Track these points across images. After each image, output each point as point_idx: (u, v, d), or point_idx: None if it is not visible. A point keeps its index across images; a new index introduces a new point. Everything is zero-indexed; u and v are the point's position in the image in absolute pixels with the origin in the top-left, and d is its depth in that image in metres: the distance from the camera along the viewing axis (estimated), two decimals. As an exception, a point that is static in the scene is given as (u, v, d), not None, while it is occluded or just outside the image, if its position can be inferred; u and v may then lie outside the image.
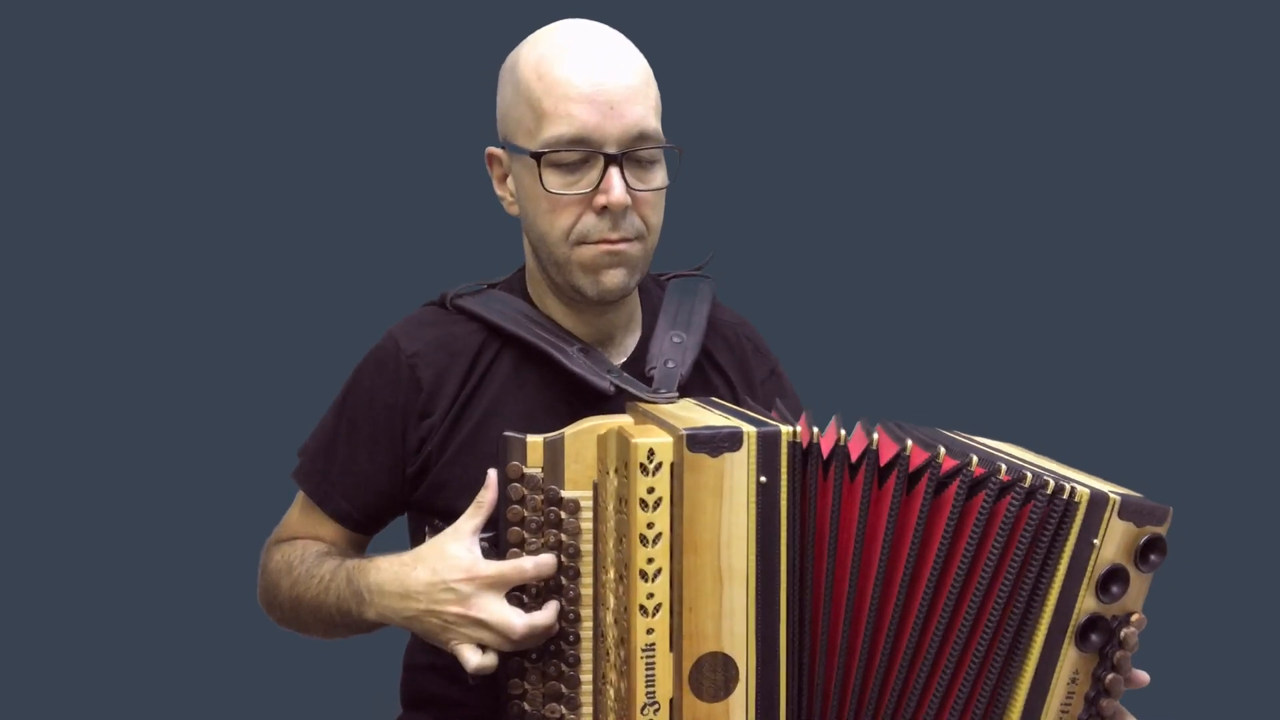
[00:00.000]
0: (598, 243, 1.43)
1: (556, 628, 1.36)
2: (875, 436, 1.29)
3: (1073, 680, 1.28)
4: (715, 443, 1.23)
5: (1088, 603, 1.26)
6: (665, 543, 1.24)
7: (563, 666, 1.37)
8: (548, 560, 1.34)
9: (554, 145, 1.41)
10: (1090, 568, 1.26)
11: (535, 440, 1.36)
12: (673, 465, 1.23)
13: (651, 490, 1.23)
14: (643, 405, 1.42)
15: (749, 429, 1.24)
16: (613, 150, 1.41)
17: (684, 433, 1.22)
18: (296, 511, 1.59)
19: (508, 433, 1.37)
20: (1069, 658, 1.27)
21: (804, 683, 1.29)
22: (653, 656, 1.24)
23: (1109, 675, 1.28)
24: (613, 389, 1.45)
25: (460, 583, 1.33)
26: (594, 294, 1.46)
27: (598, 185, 1.41)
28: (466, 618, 1.33)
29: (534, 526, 1.36)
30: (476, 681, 1.38)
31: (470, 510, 1.37)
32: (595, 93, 1.40)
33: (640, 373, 1.51)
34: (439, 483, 1.49)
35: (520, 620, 1.31)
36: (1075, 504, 1.26)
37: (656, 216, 1.47)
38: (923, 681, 1.29)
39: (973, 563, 1.27)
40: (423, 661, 1.56)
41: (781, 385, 1.67)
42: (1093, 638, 1.27)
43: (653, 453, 1.23)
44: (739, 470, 1.23)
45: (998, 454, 1.35)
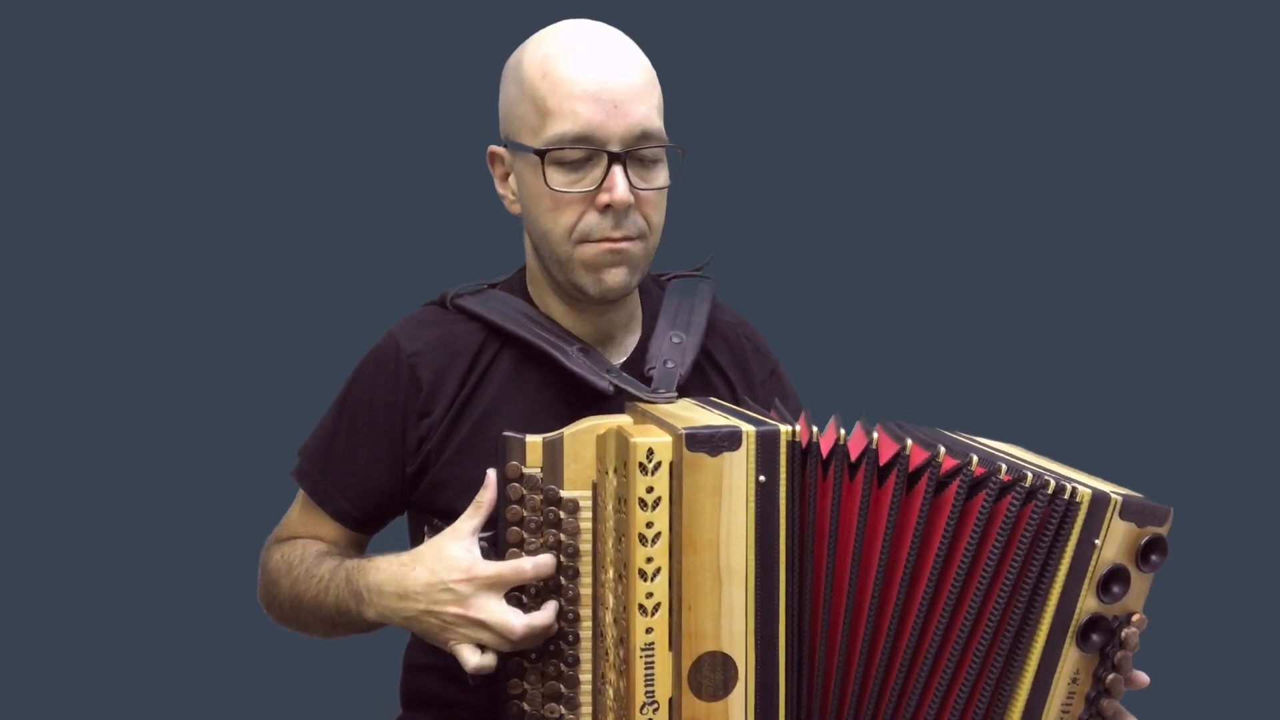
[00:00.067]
0: (600, 241, 1.43)
1: (555, 628, 1.35)
2: (875, 436, 1.29)
3: (1073, 680, 1.28)
4: (714, 442, 1.23)
5: (1089, 603, 1.26)
6: (664, 542, 1.24)
7: (562, 666, 1.37)
8: (547, 561, 1.34)
9: (558, 143, 1.41)
10: (1092, 568, 1.26)
11: (534, 440, 1.36)
12: (672, 465, 1.23)
13: (651, 490, 1.23)
14: (642, 405, 1.42)
15: (748, 428, 1.24)
16: (616, 149, 1.41)
17: (683, 432, 1.22)
18: (296, 511, 1.59)
19: (507, 433, 1.37)
20: (1070, 658, 1.27)
21: (803, 682, 1.28)
22: (652, 656, 1.24)
23: (1110, 675, 1.28)
24: (612, 389, 1.45)
25: (459, 583, 1.33)
26: (596, 292, 1.46)
27: (601, 183, 1.42)
28: (465, 618, 1.32)
29: (533, 526, 1.36)
30: (476, 682, 1.38)
31: (469, 510, 1.37)
32: (600, 91, 1.40)
33: (640, 373, 1.51)
34: (438, 482, 1.49)
35: (519, 621, 1.31)
36: (1077, 504, 1.25)
37: (658, 216, 1.47)
38: (923, 681, 1.28)
39: (973, 562, 1.27)
40: (423, 661, 1.56)
41: (781, 386, 1.67)
42: (1094, 638, 1.27)
43: (652, 452, 1.23)
44: (738, 469, 1.23)
45: (998, 454, 1.35)
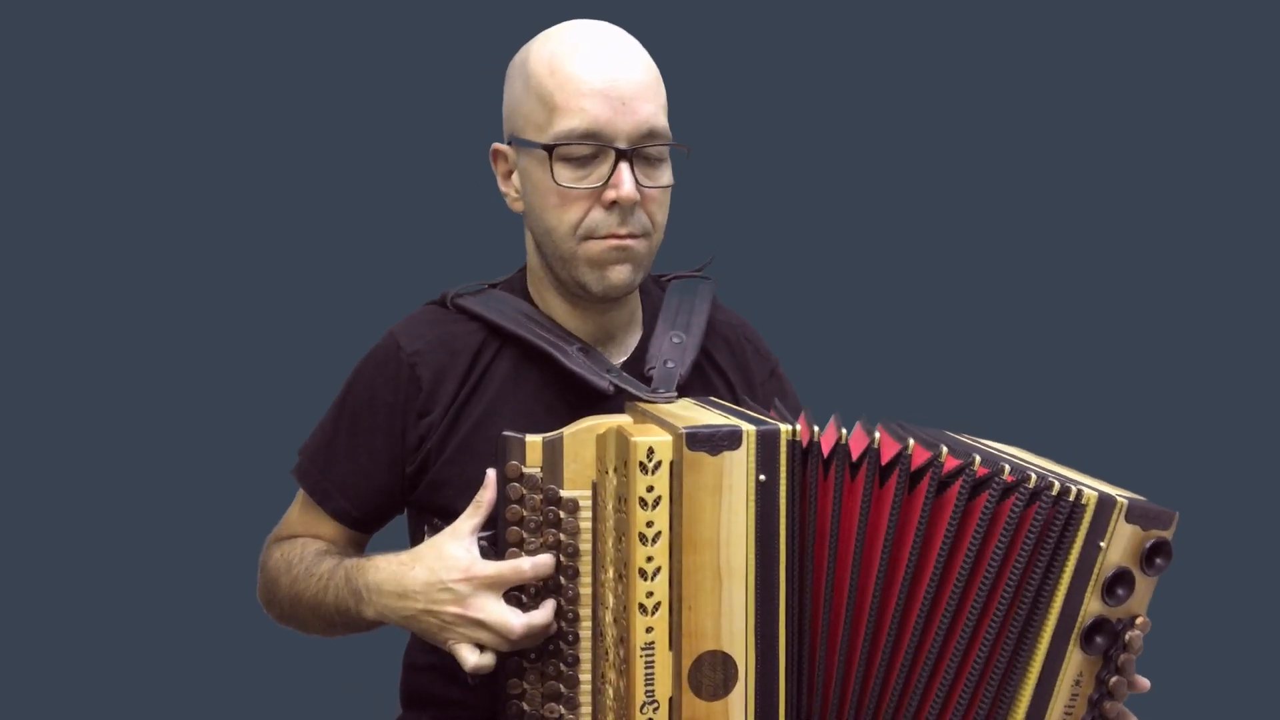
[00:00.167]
0: (605, 238, 1.44)
1: (554, 627, 1.35)
2: (877, 435, 1.29)
3: (1076, 682, 1.28)
4: (714, 441, 1.23)
5: (1093, 605, 1.26)
6: (664, 541, 1.24)
7: (561, 666, 1.37)
8: (546, 560, 1.34)
9: (565, 138, 1.42)
10: (1096, 570, 1.26)
11: (534, 440, 1.36)
12: (672, 464, 1.23)
13: (651, 489, 1.23)
14: (642, 405, 1.42)
15: (748, 427, 1.24)
16: (623, 146, 1.42)
17: (683, 431, 1.22)
18: (296, 510, 1.59)
19: (506, 432, 1.37)
20: (1073, 660, 1.27)
21: (803, 682, 1.28)
22: (652, 655, 1.24)
23: (1113, 678, 1.27)
24: (612, 389, 1.45)
25: (458, 583, 1.33)
26: (599, 290, 1.46)
27: (607, 180, 1.42)
28: (464, 618, 1.32)
29: (533, 526, 1.36)
30: (475, 681, 1.38)
31: (469, 510, 1.37)
32: (608, 88, 1.41)
33: (640, 372, 1.51)
34: (438, 481, 1.49)
35: (518, 620, 1.31)
36: (1082, 506, 1.25)
37: (662, 214, 1.48)
38: (924, 681, 1.28)
39: (976, 563, 1.27)
40: (422, 661, 1.56)
41: (781, 386, 1.67)
42: (1097, 640, 1.27)
43: (652, 451, 1.23)
44: (738, 469, 1.23)
45: (1001, 455, 1.35)
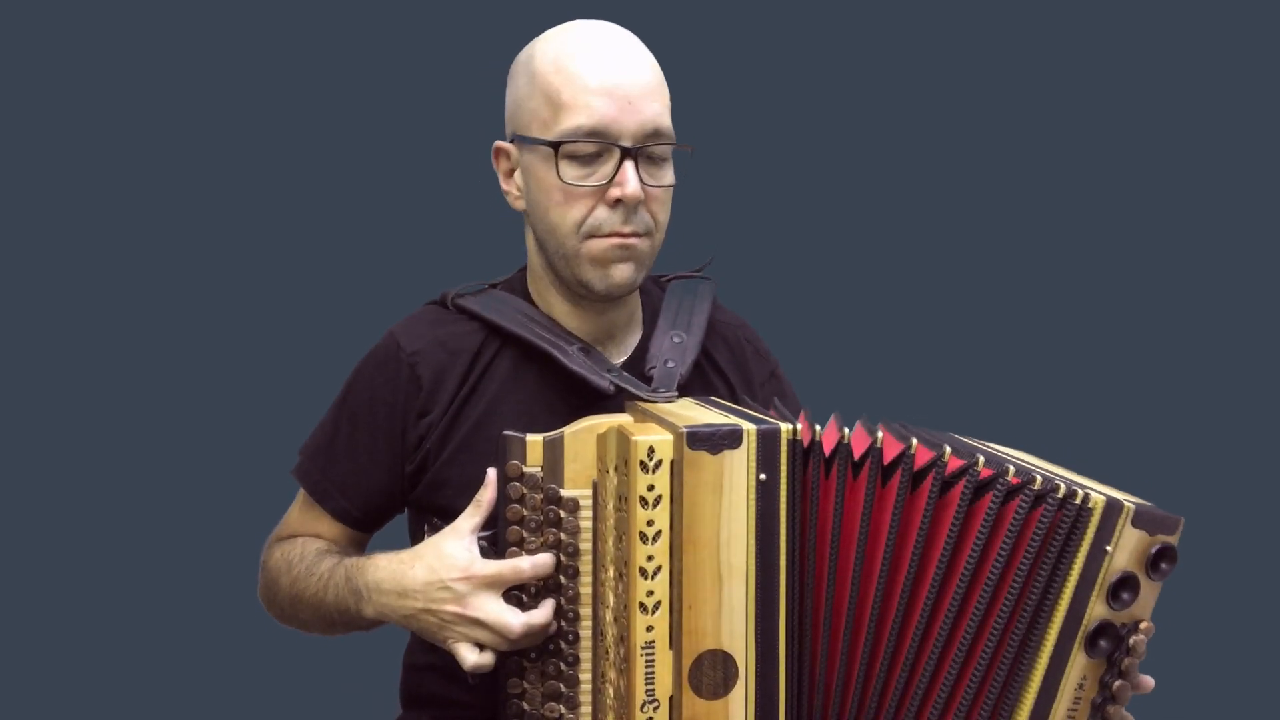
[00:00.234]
0: (609, 236, 1.44)
1: (554, 627, 1.35)
2: (879, 435, 1.29)
3: (1080, 686, 1.27)
4: (715, 440, 1.23)
5: (1098, 609, 1.26)
6: (665, 540, 1.24)
7: (561, 665, 1.37)
8: (545, 560, 1.34)
9: (571, 136, 1.42)
10: (1102, 575, 1.25)
11: (535, 439, 1.36)
12: (673, 463, 1.23)
13: (651, 488, 1.23)
14: (642, 404, 1.42)
15: (749, 426, 1.24)
16: (628, 144, 1.42)
17: (684, 430, 1.22)
18: (297, 509, 1.59)
19: (507, 431, 1.36)
20: (1077, 663, 1.27)
21: (804, 681, 1.28)
22: (652, 654, 1.24)
23: (1116, 682, 1.27)
24: (612, 388, 1.45)
25: (457, 582, 1.33)
26: (602, 288, 1.46)
27: (612, 179, 1.43)
28: (463, 617, 1.32)
29: (533, 525, 1.36)
30: (475, 681, 1.38)
31: (469, 509, 1.37)
32: (614, 87, 1.42)
33: (640, 372, 1.51)
34: (438, 481, 1.49)
35: (518, 619, 1.31)
36: (1089, 510, 1.25)
37: (665, 214, 1.49)
38: (926, 682, 1.28)
39: (979, 564, 1.26)
40: (422, 661, 1.56)
41: (781, 387, 1.67)
42: (1102, 644, 1.26)
43: (653, 450, 1.23)
44: (739, 468, 1.23)
45: (1005, 457, 1.35)
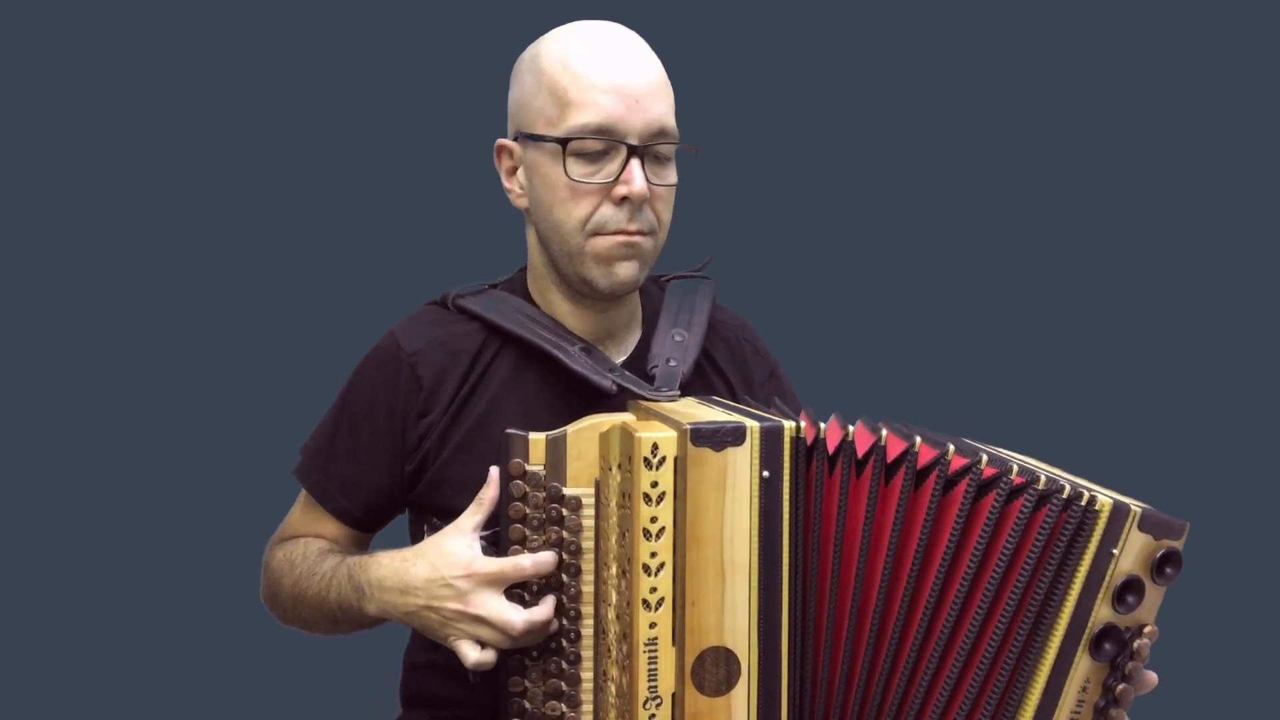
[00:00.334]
0: (614, 233, 1.45)
1: (556, 625, 1.35)
2: (883, 433, 1.29)
3: (1083, 688, 1.28)
4: (719, 437, 1.23)
5: (1103, 612, 1.26)
6: (668, 537, 1.24)
7: (563, 664, 1.37)
8: (547, 558, 1.34)
9: (578, 133, 1.43)
10: (1108, 578, 1.25)
11: (538, 438, 1.36)
12: (676, 460, 1.24)
13: (655, 484, 1.24)
14: (645, 403, 1.42)
15: (752, 424, 1.24)
16: (635, 142, 1.43)
17: (688, 427, 1.23)
18: (298, 510, 1.59)
19: (510, 430, 1.37)
20: (1081, 666, 1.27)
21: (806, 678, 1.28)
22: (655, 651, 1.24)
23: (1120, 685, 1.27)
24: (615, 388, 1.45)
25: (459, 579, 1.33)
26: (606, 286, 1.47)
27: (617, 176, 1.43)
28: (465, 614, 1.32)
29: (535, 524, 1.36)
30: (477, 679, 1.38)
31: (472, 507, 1.37)
32: (622, 86, 1.43)
33: (641, 372, 1.51)
34: (437, 480, 1.49)
35: (519, 616, 1.31)
36: (1096, 512, 1.25)
37: (668, 213, 1.50)
38: (928, 680, 1.28)
39: (981, 563, 1.27)
40: (423, 660, 1.56)
41: (781, 387, 1.68)
42: (1106, 647, 1.27)
43: (657, 447, 1.24)
44: (742, 465, 1.24)
45: (1008, 459, 1.35)
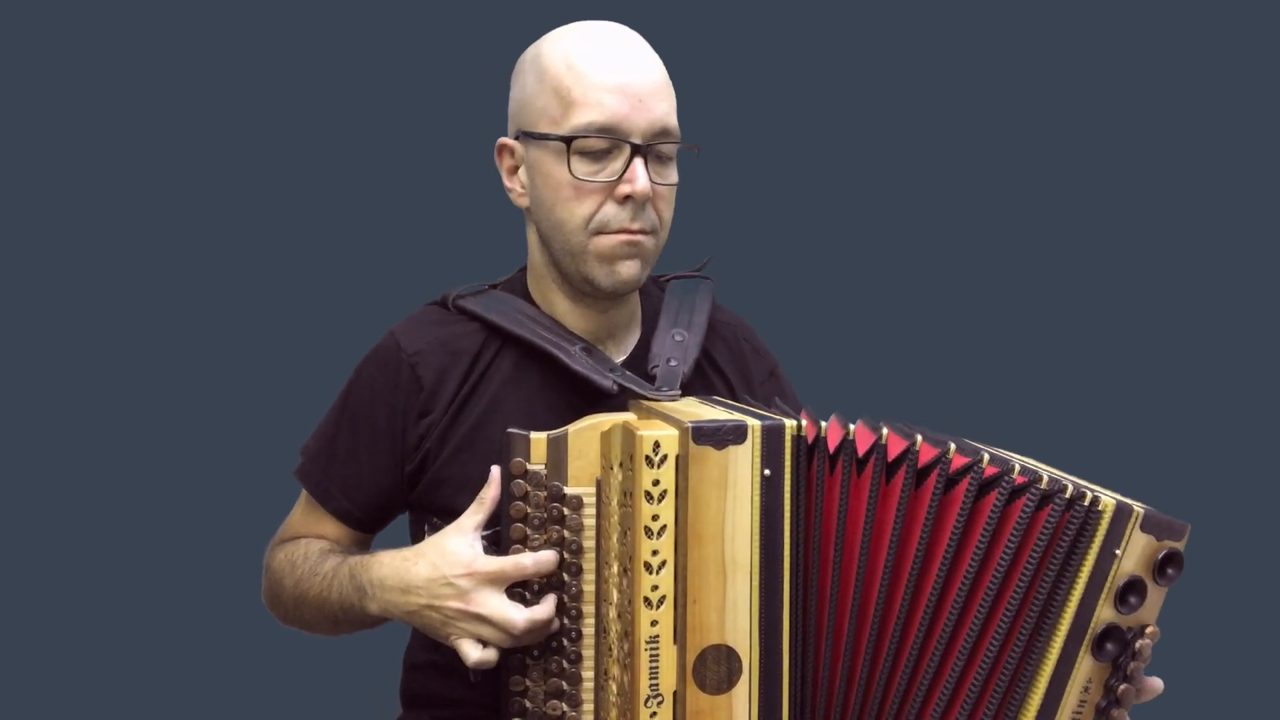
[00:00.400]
0: (617, 232, 1.45)
1: (557, 624, 1.35)
2: (884, 431, 1.29)
3: (1085, 688, 1.28)
4: (720, 435, 1.23)
5: (1105, 612, 1.27)
6: (670, 535, 1.24)
7: (564, 663, 1.36)
8: (548, 556, 1.34)
9: (582, 132, 1.43)
10: (1111, 578, 1.26)
11: (539, 437, 1.36)
12: (678, 457, 1.24)
13: (657, 482, 1.24)
14: (646, 403, 1.42)
15: (753, 422, 1.25)
16: (638, 141, 1.44)
17: (689, 425, 1.23)
18: (299, 511, 1.59)
19: (511, 429, 1.37)
20: (1084, 666, 1.27)
21: (808, 676, 1.29)
22: (656, 648, 1.24)
23: (1121, 685, 1.28)
24: (616, 388, 1.46)
25: (460, 578, 1.33)
26: (608, 285, 1.47)
27: (621, 175, 1.44)
28: (466, 613, 1.32)
29: (537, 523, 1.36)
30: (478, 678, 1.38)
31: (473, 506, 1.37)
32: (626, 85, 1.43)
33: (641, 371, 1.51)
34: (438, 480, 1.49)
35: (520, 615, 1.31)
36: (1099, 513, 1.25)
37: (669, 212, 1.50)
38: (930, 679, 1.29)
39: (983, 561, 1.27)
40: (423, 660, 1.55)
41: (780, 386, 1.68)
42: (1108, 647, 1.27)
43: (658, 445, 1.24)
44: (743, 463, 1.24)
45: (1010, 459, 1.35)
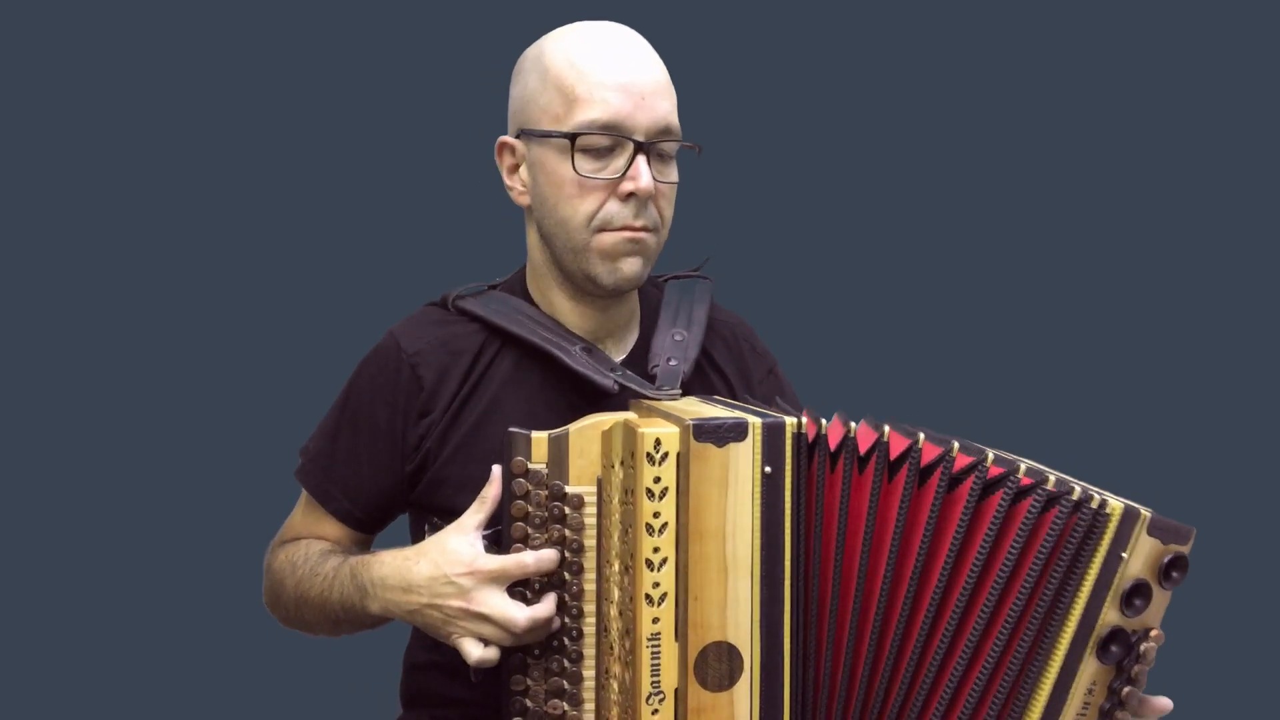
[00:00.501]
0: (620, 229, 1.45)
1: (558, 622, 1.36)
2: (886, 429, 1.30)
3: (1089, 691, 1.28)
4: (721, 433, 1.23)
5: (1110, 615, 1.27)
6: (671, 532, 1.25)
7: (565, 662, 1.36)
8: (549, 555, 1.34)
9: (586, 129, 1.43)
10: (1117, 581, 1.26)
11: (540, 436, 1.36)
12: (679, 455, 1.24)
13: (658, 480, 1.24)
14: (646, 402, 1.42)
15: (754, 420, 1.25)
16: (641, 139, 1.44)
17: (690, 423, 1.23)
18: (299, 512, 1.59)
19: (512, 428, 1.37)
20: (1088, 668, 1.28)
21: (809, 674, 1.29)
22: (658, 646, 1.25)
23: (1125, 688, 1.28)
24: (616, 387, 1.46)
25: (462, 576, 1.33)
26: (610, 282, 1.47)
27: (624, 173, 1.44)
28: (468, 611, 1.32)
29: (538, 522, 1.36)
30: (479, 677, 1.37)
31: (474, 506, 1.37)
32: (628, 83, 1.44)
33: (640, 371, 1.51)
34: (438, 480, 1.49)
35: (522, 613, 1.31)
36: (1106, 516, 1.26)
37: (670, 210, 1.51)
38: (932, 678, 1.29)
39: (987, 562, 1.27)
40: (423, 660, 1.55)
41: (780, 385, 1.68)
42: (1113, 649, 1.28)
43: (659, 442, 1.24)
44: (744, 460, 1.24)
45: (1014, 460, 1.35)
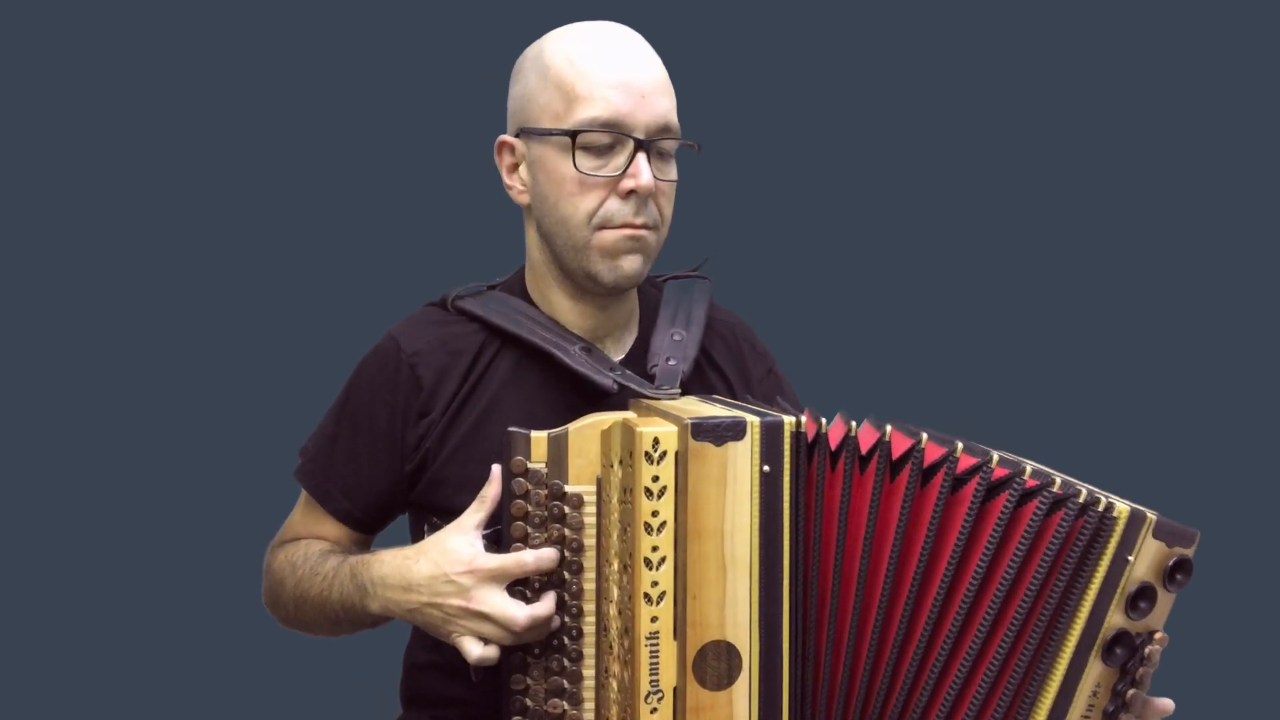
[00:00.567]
0: (621, 227, 1.46)
1: (557, 621, 1.36)
2: (888, 429, 1.30)
3: (1094, 693, 1.29)
4: (719, 432, 1.24)
5: (1115, 618, 1.27)
6: (670, 531, 1.25)
7: (565, 661, 1.37)
8: (549, 554, 1.34)
9: (586, 127, 1.44)
10: (1122, 584, 1.27)
11: (539, 435, 1.37)
12: (677, 454, 1.24)
13: (656, 479, 1.24)
14: (646, 401, 1.43)
15: (753, 418, 1.25)
16: (641, 137, 1.44)
17: (688, 422, 1.23)
18: (299, 512, 1.59)
19: (512, 428, 1.37)
20: (1093, 670, 1.28)
21: (808, 673, 1.29)
22: (657, 644, 1.25)
23: (1129, 690, 1.29)
24: (616, 387, 1.46)
25: (461, 575, 1.33)
26: (610, 280, 1.47)
27: (624, 170, 1.45)
28: (468, 610, 1.33)
29: (537, 521, 1.36)
30: (479, 676, 1.38)
31: (474, 505, 1.37)
32: (628, 81, 1.44)
33: (640, 371, 1.52)
34: (437, 480, 1.49)
35: (522, 612, 1.31)
36: (1113, 519, 1.26)
37: (670, 209, 1.51)
38: (934, 679, 1.29)
39: (991, 565, 1.27)
40: (423, 659, 1.56)
41: (779, 384, 1.68)
42: (1117, 652, 1.28)
43: (658, 441, 1.24)
44: (742, 459, 1.24)
45: (1018, 461, 1.35)
